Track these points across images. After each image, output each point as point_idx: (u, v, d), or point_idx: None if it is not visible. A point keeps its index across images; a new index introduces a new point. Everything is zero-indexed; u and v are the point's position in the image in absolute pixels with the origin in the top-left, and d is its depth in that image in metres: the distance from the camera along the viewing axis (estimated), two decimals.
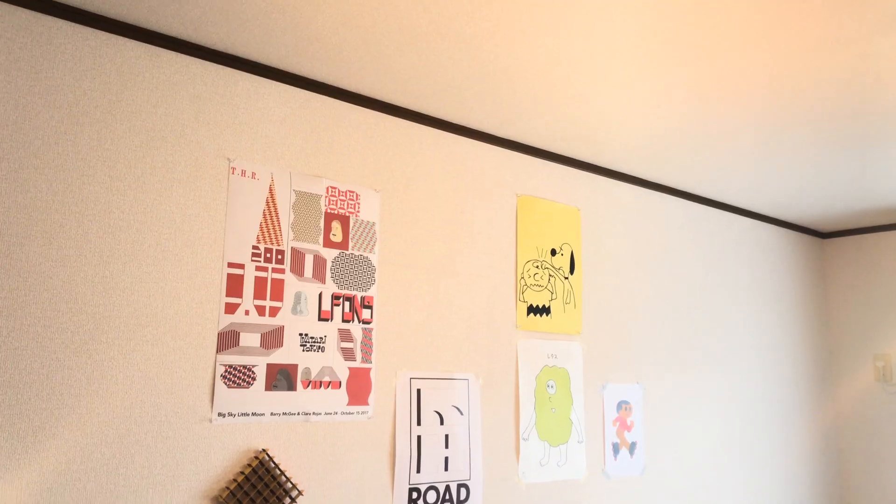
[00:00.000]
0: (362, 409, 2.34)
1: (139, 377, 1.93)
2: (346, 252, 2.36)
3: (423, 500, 2.43)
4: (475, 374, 2.66)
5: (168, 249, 2.02)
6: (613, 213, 3.26)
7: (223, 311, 2.09)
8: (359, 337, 2.36)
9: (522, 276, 2.87)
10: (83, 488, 1.82)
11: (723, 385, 3.62)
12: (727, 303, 3.73)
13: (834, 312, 4.33)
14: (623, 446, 3.11)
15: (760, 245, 4.00)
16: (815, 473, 4.06)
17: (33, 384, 1.77)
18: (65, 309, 1.84)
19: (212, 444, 2.03)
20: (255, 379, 2.12)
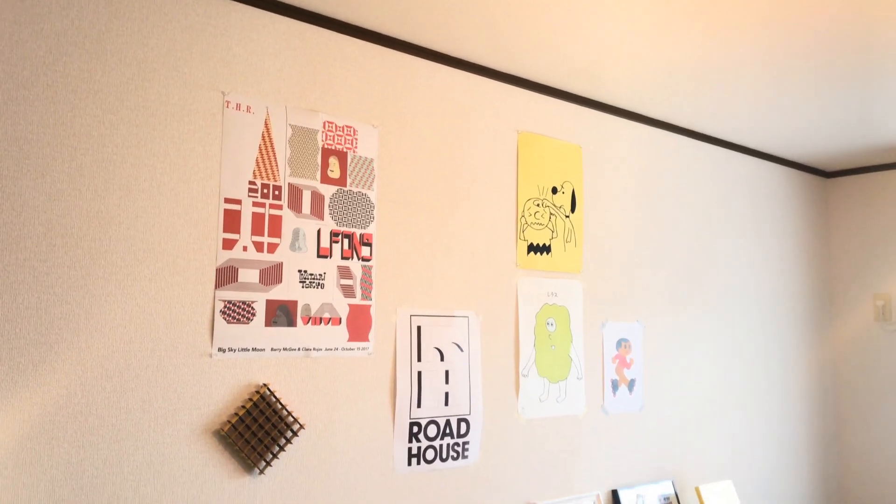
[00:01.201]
0: (363, 346, 2.34)
1: (138, 312, 1.93)
2: (344, 189, 2.34)
3: (424, 434, 2.46)
4: (475, 312, 2.66)
5: (163, 184, 1.99)
6: (615, 150, 3.22)
7: (221, 247, 2.08)
8: (358, 274, 2.35)
9: (523, 214, 2.84)
10: (84, 421, 1.83)
11: (722, 323, 3.64)
12: (728, 241, 3.72)
13: (835, 251, 4.32)
14: (622, 383, 3.14)
15: (763, 184, 3.97)
16: (812, 411, 4.10)
17: (31, 318, 1.77)
18: (61, 243, 1.82)
19: (212, 378, 2.04)
20: (255, 315, 2.12)
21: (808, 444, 4.05)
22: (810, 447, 4.06)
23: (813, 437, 4.09)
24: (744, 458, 3.65)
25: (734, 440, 3.63)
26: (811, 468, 4.05)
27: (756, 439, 3.74)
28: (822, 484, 4.11)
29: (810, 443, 4.07)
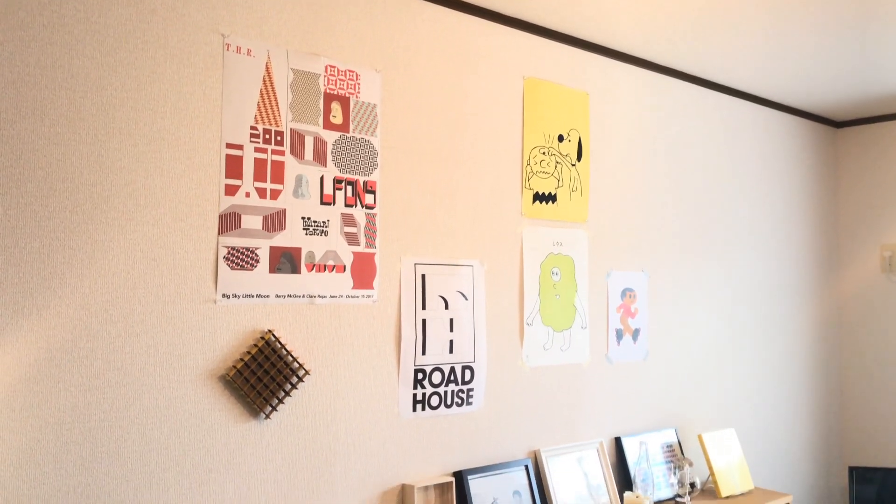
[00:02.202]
0: (367, 293, 2.34)
1: (141, 257, 1.92)
2: (346, 135, 2.30)
3: (429, 381, 2.47)
4: (479, 261, 2.65)
5: (164, 128, 1.96)
6: (623, 98, 3.17)
7: (223, 193, 2.06)
8: (362, 222, 2.34)
9: (528, 162, 2.81)
10: (90, 365, 1.84)
11: (727, 273, 3.62)
12: (735, 191, 3.68)
13: (844, 202, 4.28)
14: (626, 332, 3.14)
15: (772, 133, 3.91)
16: (815, 361, 4.11)
17: (34, 263, 1.77)
18: (62, 188, 1.80)
19: (217, 324, 2.04)
20: (259, 261, 2.11)
21: (810, 393, 4.07)
22: (813, 397, 4.09)
23: (815, 386, 4.11)
24: (746, 407, 3.68)
25: (737, 389, 3.65)
26: (813, 418, 4.08)
27: (759, 388, 3.76)
28: (823, 433, 4.14)
29: (813, 392, 4.09)
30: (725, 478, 3.16)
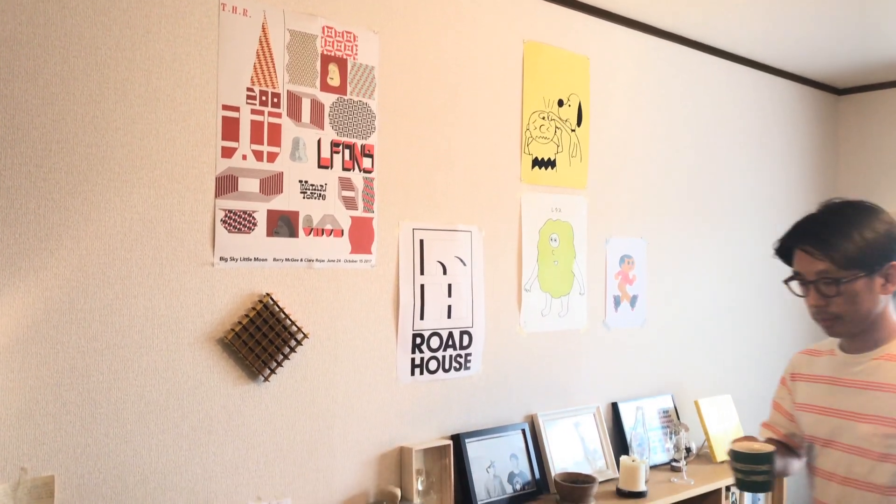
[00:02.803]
0: (365, 258, 2.34)
1: (137, 220, 1.91)
2: (344, 97, 2.28)
3: (427, 345, 2.48)
4: (478, 227, 2.64)
5: (159, 89, 1.94)
6: (623, 62, 3.13)
7: (220, 156, 2.04)
8: (360, 186, 2.32)
9: (528, 127, 2.79)
10: (88, 327, 1.84)
11: (726, 240, 3.62)
12: (735, 158, 3.67)
13: (844, 170, 4.26)
14: (624, 299, 3.14)
15: (773, 100, 3.88)
16: (812, 329, 4.12)
17: (31, 224, 1.76)
18: (56, 149, 1.79)
19: (215, 287, 2.03)
20: (256, 224, 2.10)
21: None
22: None
23: None
24: (743, 374, 3.70)
25: (734, 355, 3.66)
26: None
27: (755, 355, 3.78)
28: None
29: None
30: (721, 443, 3.19)
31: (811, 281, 1.64)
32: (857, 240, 1.58)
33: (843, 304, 1.61)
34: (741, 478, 1.62)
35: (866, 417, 1.60)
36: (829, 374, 1.74)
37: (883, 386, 1.60)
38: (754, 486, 1.62)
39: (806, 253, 1.64)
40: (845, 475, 1.63)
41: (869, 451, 1.58)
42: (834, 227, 1.62)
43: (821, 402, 1.73)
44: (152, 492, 1.94)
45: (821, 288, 1.62)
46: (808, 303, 1.68)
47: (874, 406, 1.60)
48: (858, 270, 1.58)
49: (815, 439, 1.73)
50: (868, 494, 1.59)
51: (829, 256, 1.59)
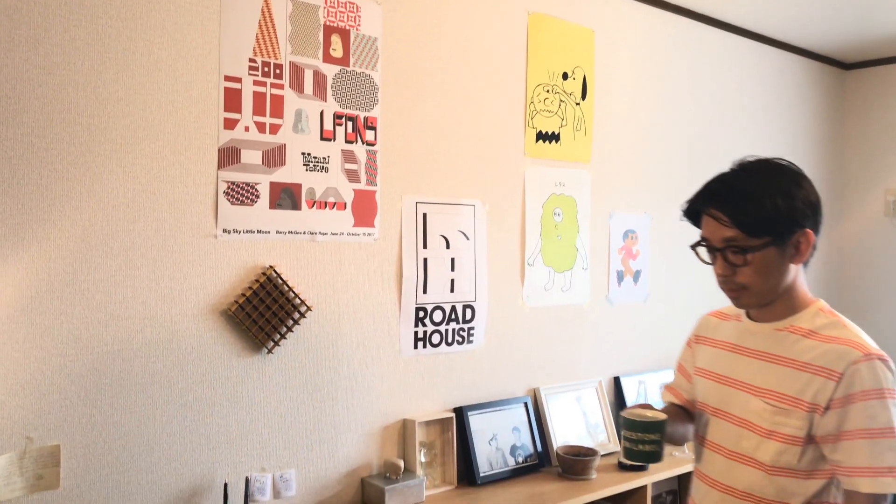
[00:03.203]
0: (368, 231, 2.33)
1: (140, 191, 1.90)
2: (347, 69, 2.26)
3: (430, 319, 2.48)
4: (481, 201, 2.63)
5: (161, 60, 1.93)
6: (628, 36, 3.10)
7: (222, 127, 2.03)
8: (363, 159, 2.31)
9: (532, 100, 2.77)
10: (91, 298, 1.84)
11: None
12: (741, 133, 3.64)
13: (850, 145, 4.24)
14: (627, 274, 3.14)
15: (779, 75, 3.85)
16: None
17: (33, 194, 1.75)
18: (58, 119, 1.78)
19: (218, 259, 2.03)
20: (259, 197, 2.10)
21: None
22: None
23: None
24: None
25: None
26: None
27: None
28: None
29: None
30: None
31: (718, 248, 1.48)
32: (768, 206, 1.43)
33: (750, 274, 1.46)
34: (629, 447, 1.52)
35: (759, 390, 1.49)
36: (731, 341, 1.61)
37: (781, 359, 1.48)
38: (642, 456, 1.51)
39: (713, 218, 1.48)
40: (732, 449, 1.52)
41: (757, 426, 1.47)
42: (744, 191, 1.46)
43: (718, 368, 1.61)
44: (157, 461, 1.95)
45: (728, 256, 1.46)
46: (715, 271, 1.52)
47: (768, 379, 1.48)
48: (768, 239, 1.43)
49: (706, 407, 1.61)
50: (752, 471, 1.48)
51: (738, 223, 1.43)
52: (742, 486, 1.49)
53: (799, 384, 1.43)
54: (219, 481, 2.05)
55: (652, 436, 1.50)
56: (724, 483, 1.53)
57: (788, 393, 1.44)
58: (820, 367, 1.42)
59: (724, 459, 1.54)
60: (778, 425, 1.44)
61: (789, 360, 1.47)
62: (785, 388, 1.45)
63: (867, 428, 1.38)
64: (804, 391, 1.42)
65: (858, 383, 1.39)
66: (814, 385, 1.42)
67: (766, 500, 1.47)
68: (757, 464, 1.47)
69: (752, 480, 1.48)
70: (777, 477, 1.45)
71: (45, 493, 1.79)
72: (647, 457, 1.51)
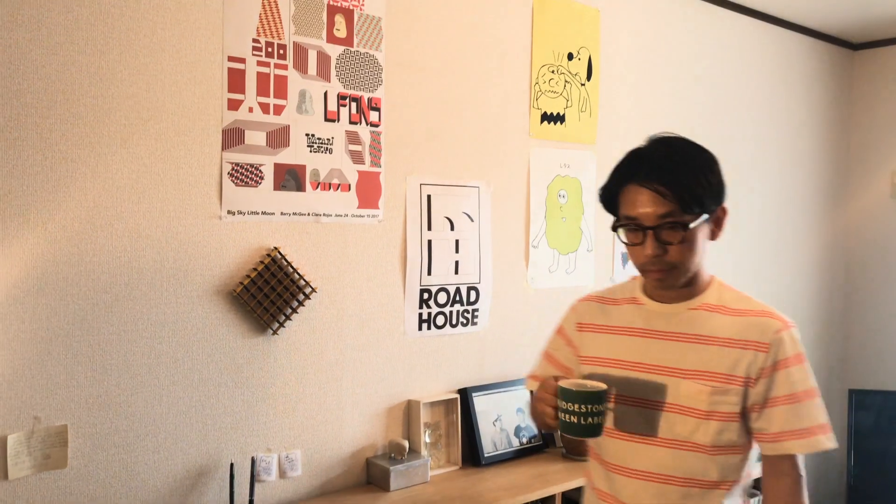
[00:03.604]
0: (373, 213, 2.33)
1: (145, 172, 1.90)
2: (351, 49, 2.25)
3: (434, 301, 2.48)
4: (486, 182, 2.63)
5: (164, 40, 1.92)
6: (634, 15, 3.08)
7: (226, 108, 2.02)
8: (367, 140, 2.30)
9: (537, 81, 2.75)
10: (97, 279, 1.84)
11: (734, 196, 3.58)
12: (747, 115, 3.62)
13: (857, 126, 4.20)
14: None
15: (787, 56, 3.81)
16: (820, 287, 4.12)
17: (37, 175, 1.75)
18: (62, 99, 1.77)
19: (223, 240, 2.03)
20: (263, 178, 2.09)
21: (813, 318, 4.09)
22: (816, 322, 4.11)
23: (819, 312, 4.13)
24: None
25: None
26: (815, 343, 4.11)
27: None
28: (824, 359, 4.18)
29: (816, 318, 4.11)
30: None
31: (650, 227, 1.40)
32: (702, 181, 1.41)
33: (682, 252, 1.41)
34: (574, 421, 1.36)
35: (689, 373, 1.44)
36: (638, 326, 1.52)
37: (703, 338, 1.45)
38: (588, 430, 1.37)
39: (654, 192, 1.40)
40: (664, 436, 1.44)
41: (694, 410, 1.42)
42: (682, 165, 1.42)
43: (623, 355, 1.52)
44: (163, 442, 1.96)
45: (662, 234, 1.39)
46: (641, 252, 1.42)
47: (697, 360, 1.44)
48: (701, 214, 1.41)
49: (617, 397, 1.48)
50: (692, 455, 1.44)
51: (679, 197, 1.38)
52: (682, 472, 1.45)
53: (729, 360, 1.43)
54: (225, 461, 2.06)
55: (598, 406, 1.37)
56: (661, 473, 1.46)
57: (721, 371, 1.43)
58: (747, 342, 1.43)
59: (653, 448, 1.46)
60: (716, 405, 1.42)
61: (712, 338, 1.45)
62: (716, 366, 1.43)
63: (792, 393, 1.42)
64: (736, 367, 1.43)
65: (782, 352, 1.43)
66: (745, 359, 1.43)
67: (710, 482, 1.45)
68: (697, 447, 1.43)
69: (692, 465, 1.44)
70: (719, 456, 1.44)
71: (53, 472, 1.80)
72: (592, 430, 1.38)
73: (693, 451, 1.44)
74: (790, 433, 1.41)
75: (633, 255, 1.46)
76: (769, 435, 1.43)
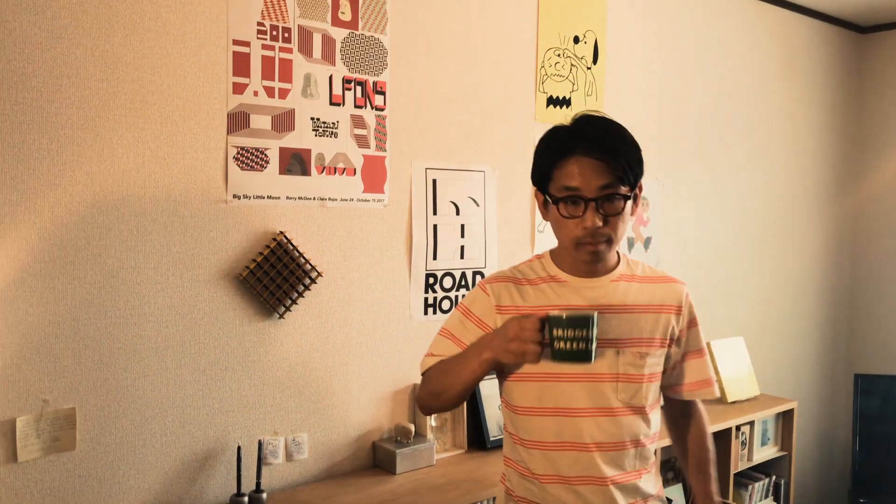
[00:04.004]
0: (378, 197, 2.33)
1: (150, 156, 1.90)
2: (355, 32, 2.24)
3: (440, 285, 2.49)
4: (491, 167, 2.62)
5: (169, 23, 1.91)
6: None
7: (231, 92, 2.02)
8: (372, 124, 2.30)
9: (543, 64, 2.74)
10: (104, 263, 1.85)
11: (742, 181, 3.58)
12: (754, 98, 3.60)
13: (866, 109, 4.17)
14: (638, 241, 3.13)
15: (794, 39, 3.78)
16: (827, 272, 4.11)
17: (43, 160, 1.75)
18: (67, 83, 1.77)
19: (229, 224, 2.04)
20: (269, 162, 2.09)
21: (820, 304, 4.08)
22: (822, 308, 4.10)
23: (826, 297, 4.12)
24: (756, 316, 3.70)
25: (747, 297, 3.66)
26: (821, 328, 4.11)
27: (769, 298, 3.77)
28: (831, 344, 4.18)
29: (823, 303, 4.10)
30: (732, 384, 3.21)
31: (591, 198, 1.41)
32: (634, 153, 1.45)
33: (619, 224, 1.44)
34: (563, 346, 1.37)
35: (624, 342, 1.49)
36: (565, 302, 1.50)
37: (628, 308, 1.51)
38: (578, 355, 1.38)
39: (596, 162, 1.40)
40: (606, 405, 1.48)
41: (634, 376, 1.49)
42: (617, 139, 1.44)
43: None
44: (170, 425, 1.98)
45: (604, 206, 1.41)
46: (580, 225, 1.43)
47: (628, 329, 1.50)
48: (633, 187, 1.46)
49: (538, 375, 1.50)
50: (633, 419, 1.50)
51: (619, 168, 1.41)
52: (629, 435, 1.51)
53: (652, 325, 1.53)
54: (232, 444, 2.07)
55: (586, 332, 1.37)
56: (608, 441, 1.49)
57: (651, 336, 1.53)
58: (661, 306, 1.55)
59: (595, 419, 1.49)
60: (651, 367, 1.52)
61: (637, 306, 1.53)
62: (645, 332, 1.52)
63: (700, 348, 1.64)
64: (656, 329, 1.53)
65: (691, 312, 1.60)
66: (664, 322, 1.55)
67: (650, 439, 1.55)
68: (637, 410, 1.51)
69: (636, 427, 1.52)
70: (652, 414, 1.55)
71: (62, 454, 1.82)
72: (582, 355, 1.37)
73: (634, 415, 1.51)
74: (704, 382, 1.64)
75: (566, 230, 1.46)
76: (685, 385, 1.64)
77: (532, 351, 1.37)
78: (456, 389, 1.50)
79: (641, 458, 1.54)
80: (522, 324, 1.39)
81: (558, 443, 1.50)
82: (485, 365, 1.45)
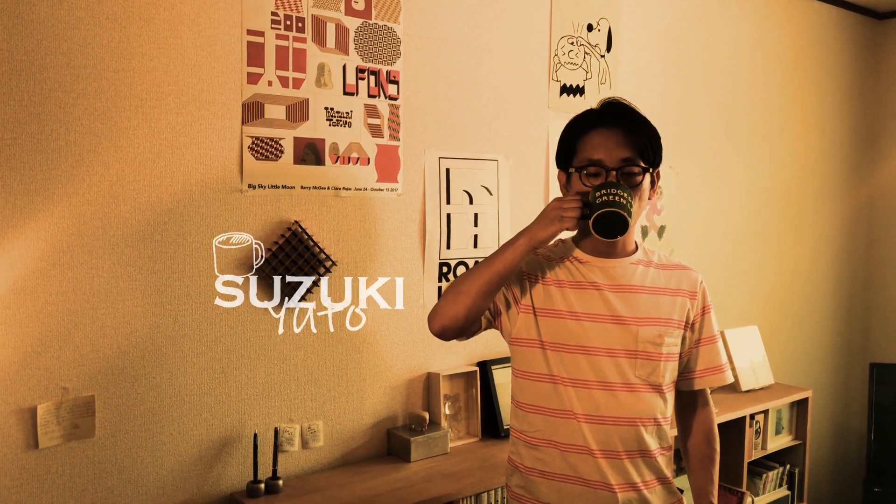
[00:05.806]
0: (392, 186, 2.33)
1: (166, 146, 1.92)
2: (369, 22, 2.24)
3: (453, 274, 2.49)
4: (505, 155, 2.62)
5: (183, 13, 1.92)
6: None
7: (245, 82, 2.03)
8: (385, 113, 2.30)
9: (556, 52, 2.73)
10: (121, 252, 1.87)
11: (756, 169, 3.56)
12: (769, 85, 3.57)
13: (883, 96, 4.13)
14: (651, 229, 3.12)
15: (810, 25, 3.75)
16: (842, 259, 4.08)
17: (62, 150, 1.77)
18: (84, 74, 1.79)
19: (244, 214, 2.05)
20: (283, 152, 2.10)
21: (835, 293, 4.06)
22: (838, 296, 4.08)
23: (841, 286, 4.09)
24: (770, 305, 3.68)
25: (762, 286, 3.64)
26: (836, 317, 4.09)
27: (784, 287, 3.76)
28: (846, 333, 4.16)
29: (838, 292, 4.08)
30: (746, 373, 3.20)
31: (612, 168, 1.50)
32: (656, 134, 1.57)
33: (635, 200, 1.50)
34: (605, 199, 1.42)
35: (645, 320, 1.55)
36: (589, 279, 1.57)
37: (648, 289, 1.58)
38: (618, 205, 1.41)
39: (620, 134, 1.52)
40: (623, 381, 1.53)
41: (653, 353, 1.55)
42: (641, 118, 1.58)
43: (575, 307, 1.56)
44: (188, 412, 2.00)
45: (624, 178, 1.51)
46: None
47: (649, 309, 1.56)
48: (650, 168, 1.56)
49: (562, 346, 1.55)
50: (651, 396, 1.55)
51: (641, 143, 1.52)
52: (644, 412, 1.55)
53: (670, 306, 1.59)
54: (248, 432, 2.09)
55: (624, 193, 1.43)
56: (622, 416, 1.54)
57: (669, 317, 1.58)
58: (678, 290, 1.61)
59: (611, 393, 1.53)
60: (668, 346, 1.57)
61: (653, 287, 1.60)
62: (663, 312, 1.58)
63: (714, 335, 1.67)
64: (674, 311, 1.59)
65: (704, 299, 1.66)
66: (681, 305, 1.60)
67: (665, 419, 1.59)
68: (654, 388, 1.56)
69: (652, 404, 1.56)
70: (669, 393, 1.60)
71: (82, 441, 1.84)
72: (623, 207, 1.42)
73: (651, 392, 1.56)
74: (717, 367, 1.66)
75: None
76: (698, 371, 1.66)
77: (570, 216, 1.45)
78: (484, 279, 1.49)
79: (658, 436, 1.59)
80: (562, 198, 1.49)
81: (584, 415, 1.55)
82: (518, 251, 1.48)
